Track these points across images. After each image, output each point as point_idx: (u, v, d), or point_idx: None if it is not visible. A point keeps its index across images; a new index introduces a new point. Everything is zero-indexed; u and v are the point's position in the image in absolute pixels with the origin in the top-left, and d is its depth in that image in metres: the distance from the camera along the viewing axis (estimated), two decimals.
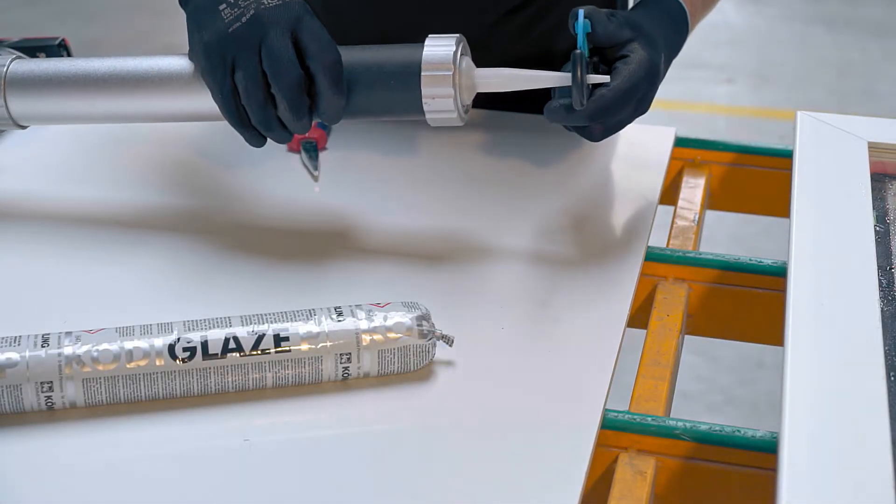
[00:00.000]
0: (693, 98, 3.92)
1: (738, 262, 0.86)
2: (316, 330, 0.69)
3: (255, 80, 0.79)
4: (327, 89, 0.79)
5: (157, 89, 0.84)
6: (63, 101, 0.85)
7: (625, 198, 0.95)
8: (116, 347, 0.66)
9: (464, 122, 0.82)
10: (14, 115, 0.86)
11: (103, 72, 0.84)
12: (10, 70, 0.85)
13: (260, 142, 0.83)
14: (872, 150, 0.86)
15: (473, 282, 0.82)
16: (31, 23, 4.33)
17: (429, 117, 0.81)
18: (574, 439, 0.66)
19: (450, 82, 0.80)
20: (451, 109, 0.81)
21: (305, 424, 0.67)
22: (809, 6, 4.90)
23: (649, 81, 0.85)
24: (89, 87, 0.84)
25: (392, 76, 0.80)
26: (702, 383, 2.37)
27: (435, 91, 0.80)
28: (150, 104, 0.84)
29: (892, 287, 0.71)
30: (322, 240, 0.87)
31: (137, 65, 0.84)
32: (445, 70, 0.80)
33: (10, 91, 0.85)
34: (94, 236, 0.87)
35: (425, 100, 0.80)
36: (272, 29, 0.79)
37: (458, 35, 0.82)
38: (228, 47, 0.79)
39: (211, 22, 0.81)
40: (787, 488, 0.52)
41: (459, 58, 0.81)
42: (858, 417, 0.57)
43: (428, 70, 0.80)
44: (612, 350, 0.74)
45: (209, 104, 0.82)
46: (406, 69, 0.80)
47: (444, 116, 0.81)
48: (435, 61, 0.80)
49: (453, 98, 0.80)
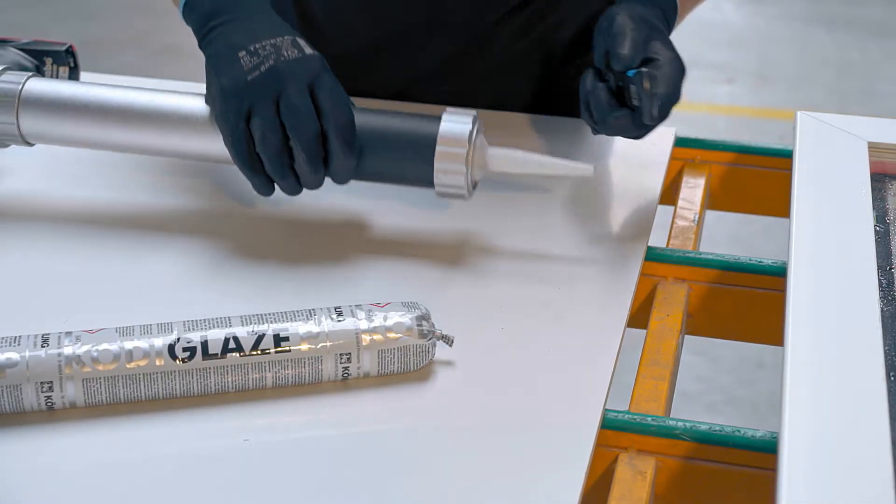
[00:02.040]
0: (693, 98, 3.93)
1: (738, 262, 0.86)
2: (316, 330, 0.69)
3: (274, 129, 0.80)
4: (338, 150, 0.80)
5: (170, 127, 0.85)
6: (74, 127, 0.86)
7: (625, 198, 0.95)
8: (116, 347, 0.66)
9: (470, 196, 0.83)
10: (24, 133, 0.87)
11: (117, 102, 0.85)
12: (26, 88, 0.86)
13: (269, 190, 0.84)
14: (872, 150, 0.86)
15: (473, 282, 0.82)
16: (32, 23, 4.33)
17: (438, 190, 0.83)
18: (574, 439, 0.66)
19: (463, 159, 0.81)
20: (461, 185, 0.82)
21: (305, 424, 0.67)
22: (809, 6, 4.90)
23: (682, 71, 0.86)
24: (102, 116, 0.85)
25: (407, 146, 0.82)
26: (702, 383, 2.37)
27: (448, 166, 0.81)
28: (161, 141, 0.85)
29: (892, 287, 0.71)
30: (322, 240, 0.87)
31: (152, 100, 0.85)
32: (460, 147, 0.81)
33: (23, 109, 0.85)
34: (94, 236, 0.87)
35: (437, 174, 0.82)
36: (291, 82, 0.80)
37: (475, 113, 0.83)
38: (245, 95, 0.80)
39: (229, 69, 0.81)
40: (787, 488, 0.52)
41: (475, 135, 0.82)
42: (858, 417, 0.57)
43: (443, 145, 0.81)
44: (612, 350, 0.74)
45: (220, 147, 0.83)
46: (422, 141, 0.82)
47: (453, 191, 0.83)
48: (450, 137, 0.81)
49: (465, 175, 0.81)
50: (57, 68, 1.02)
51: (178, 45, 3.97)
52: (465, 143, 0.81)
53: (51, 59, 1.02)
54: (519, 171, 0.84)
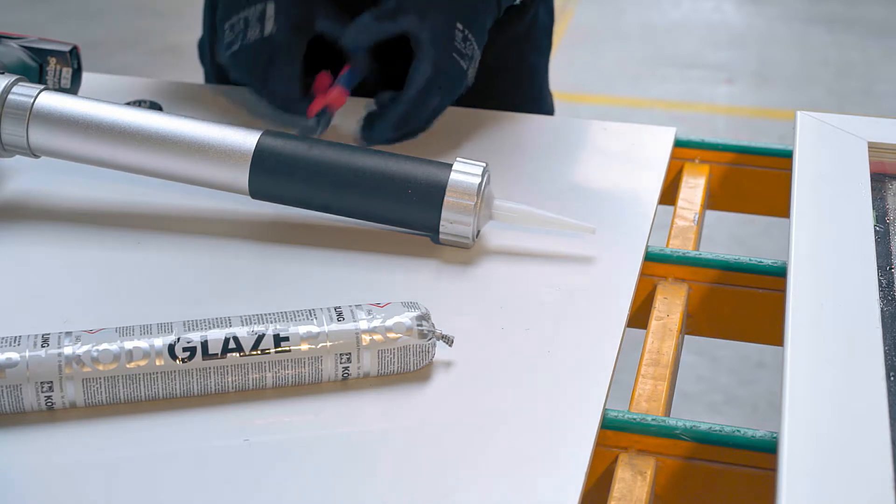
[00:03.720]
0: (693, 98, 3.93)
1: (738, 262, 0.86)
2: (316, 330, 0.69)
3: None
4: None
5: (180, 154, 0.85)
6: (84, 146, 0.86)
7: (625, 198, 0.95)
8: (116, 347, 0.66)
9: (473, 244, 0.84)
10: (32, 147, 0.87)
11: (128, 124, 0.85)
12: (38, 102, 0.86)
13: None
14: (872, 150, 0.86)
15: (473, 282, 0.82)
16: (32, 23, 4.33)
17: (442, 238, 0.83)
18: (574, 439, 0.66)
19: (471, 211, 0.82)
20: (466, 235, 0.83)
21: (305, 424, 0.67)
22: (809, 6, 4.90)
23: (439, 78, 0.92)
24: (114, 138, 0.85)
25: (415, 193, 0.82)
26: (702, 383, 2.37)
27: (455, 216, 0.82)
28: (169, 166, 0.85)
29: (892, 287, 0.71)
30: (322, 240, 0.87)
31: (166, 124, 0.85)
32: (469, 199, 0.82)
33: (34, 124, 0.85)
34: (94, 236, 0.87)
35: (443, 222, 0.82)
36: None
37: (485, 164, 0.84)
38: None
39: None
40: (787, 488, 0.52)
41: (483, 187, 0.82)
42: (858, 417, 0.57)
43: (452, 195, 0.82)
44: (612, 350, 0.74)
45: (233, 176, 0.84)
46: (430, 189, 0.82)
47: (457, 240, 0.83)
48: (460, 189, 0.82)
49: (471, 226, 0.82)
50: (60, 68, 1.02)
51: (178, 45, 3.97)
52: (475, 196, 0.82)
53: (55, 59, 1.02)
54: (525, 224, 0.85)
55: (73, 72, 1.02)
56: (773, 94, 3.99)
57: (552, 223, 0.85)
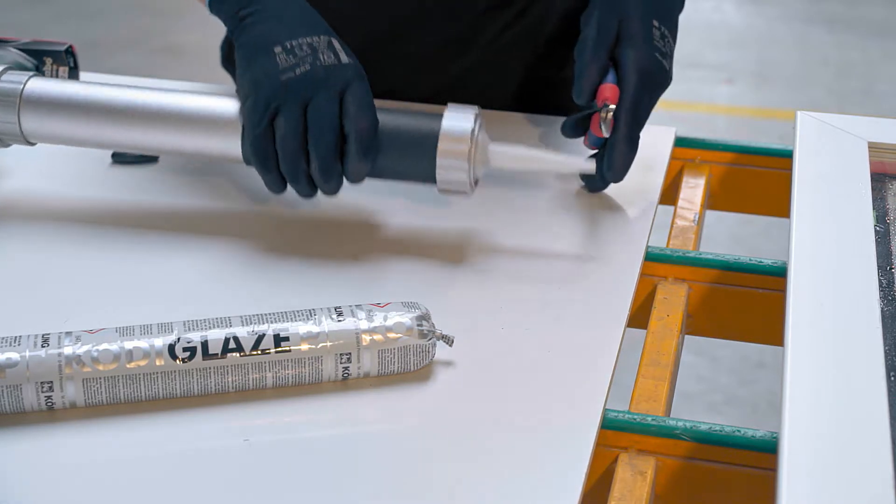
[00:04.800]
0: (693, 98, 3.93)
1: (738, 262, 0.86)
2: (316, 330, 0.69)
3: (296, 132, 0.80)
4: (354, 153, 0.81)
5: (172, 125, 0.85)
6: (76, 126, 0.86)
7: (625, 198, 0.95)
8: (116, 347, 0.66)
9: (472, 193, 0.84)
10: (25, 133, 0.87)
11: (119, 101, 0.85)
12: (27, 88, 0.86)
13: (280, 188, 0.84)
14: (872, 150, 0.86)
15: (473, 282, 0.82)
16: (32, 23, 4.33)
17: (440, 186, 0.83)
18: (574, 439, 0.66)
19: (465, 155, 0.81)
20: (463, 181, 0.82)
21: (305, 424, 0.67)
22: (809, 6, 4.90)
23: (649, 90, 0.87)
24: (104, 115, 0.85)
25: (409, 143, 0.82)
26: (702, 383, 2.37)
27: (450, 162, 0.81)
28: (163, 139, 0.85)
29: (892, 287, 0.71)
30: (322, 240, 0.87)
31: (156, 98, 0.85)
32: (462, 143, 0.81)
33: (25, 109, 0.85)
34: (94, 236, 0.87)
35: (439, 170, 0.82)
36: (323, 90, 0.81)
37: (477, 108, 0.83)
38: (276, 94, 0.80)
39: (263, 62, 0.81)
40: (787, 488, 0.52)
41: (477, 131, 0.82)
42: (858, 417, 0.57)
43: (445, 142, 0.81)
44: (612, 350, 0.74)
45: (225, 145, 0.84)
46: (424, 139, 0.82)
47: (455, 188, 0.83)
48: (452, 134, 0.81)
49: (467, 171, 0.82)
50: (57, 68, 1.02)
51: (179, 45, 3.97)
52: (468, 140, 0.81)
53: (50, 59, 1.02)
54: (521, 167, 0.84)
55: (69, 70, 1.02)
56: (773, 94, 3.99)
57: (550, 163, 0.84)
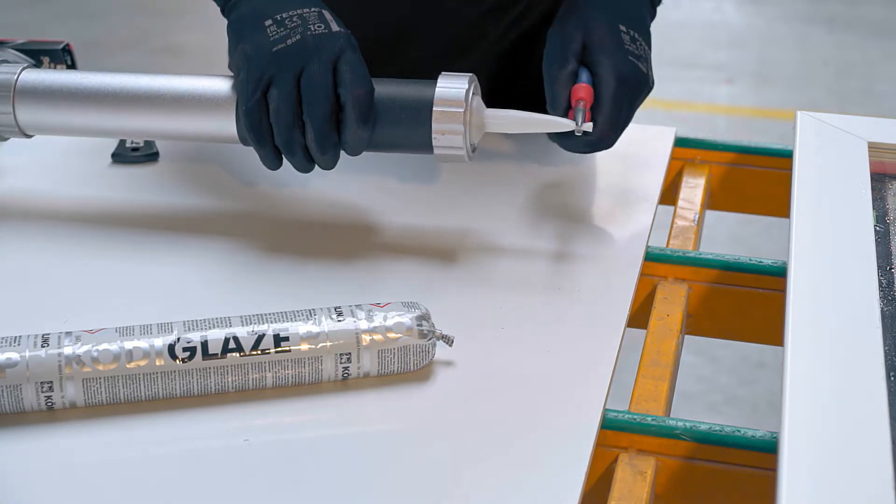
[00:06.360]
0: (693, 98, 3.93)
1: (738, 262, 0.86)
2: (316, 330, 0.69)
3: (289, 102, 0.80)
4: (352, 121, 0.81)
5: (167, 107, 0.85)
6: (71, 114, 0.86)
7: (625, 198, 0.95)
8: (116, 347, 0.66)
9: (471, 159, 0.83)
10: (21, 124, 0.87)
11: (114, 87, 0.85)
12: (21, 79, 0.86)
13: (276, 163, 0.83)
14: (872, 150, 0.86)
15: (473, 282, 0.82)
16: (32, 23, 4.33)
17: (437, 153, 0.83)
18: (574, 439, 0.66)
19: (460, 119, 0.81)
20: (459, 146, 0.82)
21: (305, 424, 0.67)
22: (809, 6, 4.90)
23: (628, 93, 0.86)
24: (98, 102, 0.85)
25: (404, 111, 0.82)
26: (702, 383, 2.37)
27: (445, 127, 0.81)
28: (159, 122, 0.85)
29: (892, 287, 0.71)
30: (321, 240, 0.87)
31: (149, 83, 0.85)
32: (456, 107, 0.81)
33: (19, 100, 0.86)
34: (94, 236, 0.87)
35: (435, 135, 0.82)
36: (315, 57, 0.81)
37: (471, 75, 0.83)
38: (269, 65, 0.80)
39: (254, 36, 0.82)
40: (787, 488, 0.52)
41: (471, 97, 0.82)
42: (858, 417, 0.57)
43: (439, 106, 0.81)
44: (612, 350, 0.74)
45: (220, 124, 0.83)
46: (418, 105, 0.82)
47: (452, 153, 0.82)
48: (447, 99, 0.81)
49: (462, 135, 0.81)
50: (54, 66, 1.03)
51: (179, 45, 3.97)
52: (462, 104, 0.81)
53: (48, 58, 1.03)
54: (516, 130, 0.84)
55: (66, 68, 1.03)
56: (773, 94, 3.99)
57: (545, 124, 0.83)
